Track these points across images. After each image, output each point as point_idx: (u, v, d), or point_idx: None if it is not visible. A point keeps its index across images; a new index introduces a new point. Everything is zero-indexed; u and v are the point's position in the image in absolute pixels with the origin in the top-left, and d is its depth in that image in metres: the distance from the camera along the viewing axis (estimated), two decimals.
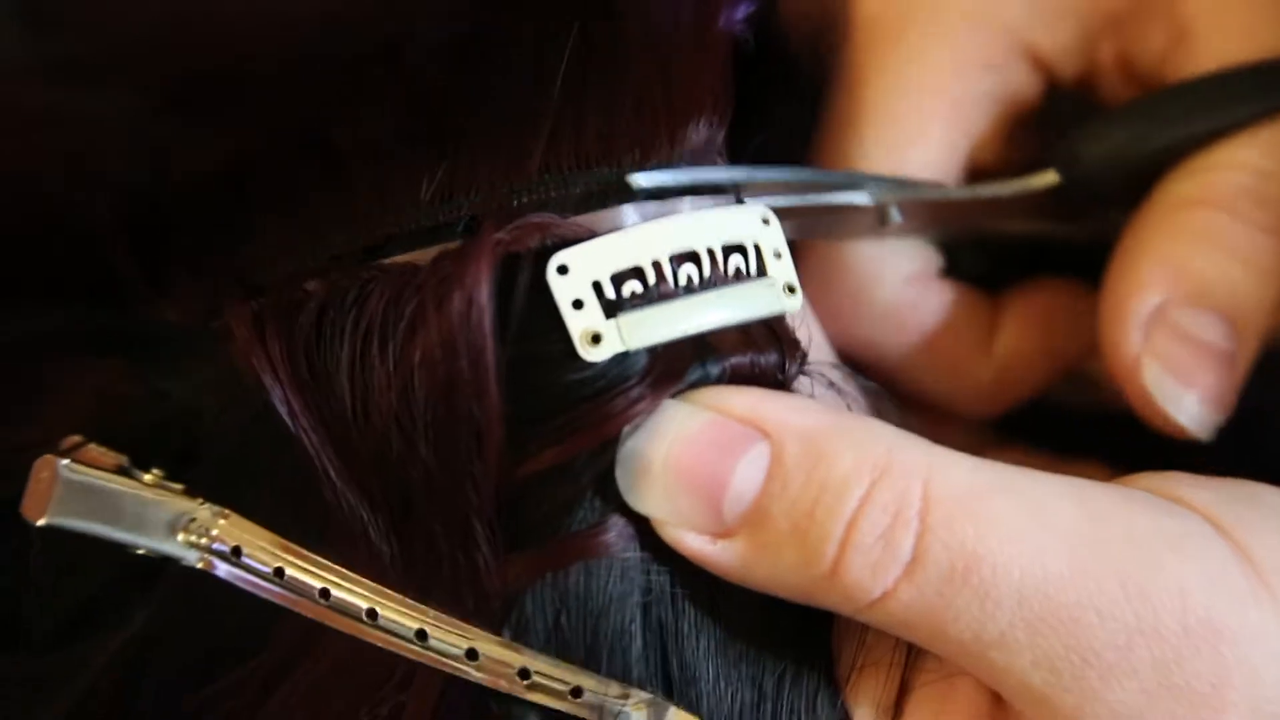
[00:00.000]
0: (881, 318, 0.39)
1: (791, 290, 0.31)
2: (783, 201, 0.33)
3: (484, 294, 0.28)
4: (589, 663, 0.28)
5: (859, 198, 0.35)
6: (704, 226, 0.31)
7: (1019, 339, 0.40)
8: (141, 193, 0.34)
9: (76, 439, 0.31)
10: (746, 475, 0.28)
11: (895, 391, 0.39)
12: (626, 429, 0.29)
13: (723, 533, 0.29)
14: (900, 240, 0.39)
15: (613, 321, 0.29)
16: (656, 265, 0.30)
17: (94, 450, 0.31)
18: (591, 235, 0.30)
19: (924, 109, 0.38)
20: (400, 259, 0.30)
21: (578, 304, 0.29)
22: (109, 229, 0.33)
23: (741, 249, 0.31)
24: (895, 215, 0.36)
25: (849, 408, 0.33)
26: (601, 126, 0.31)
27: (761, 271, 0.31)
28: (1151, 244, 0.36)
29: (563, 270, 0.29)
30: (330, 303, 0.29)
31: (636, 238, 0.30)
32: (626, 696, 0.28)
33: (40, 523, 0.29)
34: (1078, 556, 0.27)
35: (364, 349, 0.29)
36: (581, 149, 0.30)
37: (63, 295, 0.34)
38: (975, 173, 0.39)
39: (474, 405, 0.28)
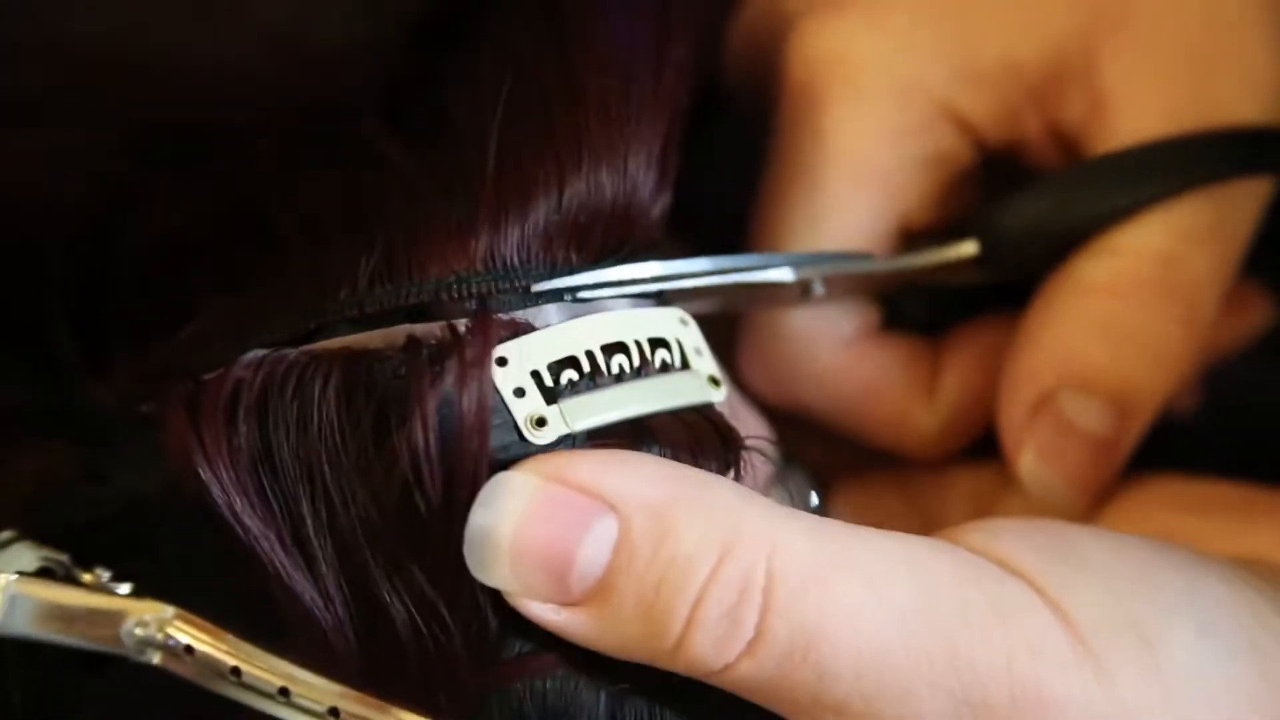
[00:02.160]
0: (820, 383, 0.40)
1: (715, 382, 0.33)
2: (705, 281, 0.34)
3: (488, 387, 0.29)
4: None
5: (781, 274, 0.36)
6: (629, 322, 0.32)
7: (961, 384, 0.40)
8: (81, 272, 0.33)
9: (9, 534, 0.31)
10: (592, 550, 0.29)
11: (842, 438, 0.40)
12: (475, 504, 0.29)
13: (569, 602, 0.29)
14: (834, 305, 0.39)
15: (554, 407, 0.30)
16: (590, 355, 0.31)
17: (26, 547, 0.31)
18: (530, 329, 0.30)
19: (847, 177, 0.38)
20: (336, 342, 0.31)
21: (519, 392, 0.30)
22: (49, 309, 0.32)
23: (665, 344, 0.32)
24: (818, 288, 0.37)
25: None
26: (546, 223, 0.31)
27: (685, 366, 0.32)
28: (1050, 330, 0.37)
29: (501, 362, 0.30)
30: (271, 391, 0.29)
31: (569, 331, 0.31)
32: None
33: None
34: (910, 632, 0.28)
35: (328, 442, 0.29)
36: (524, 241, 0.31)
37: (3, 375, 0.33)
38: (910, 235, 0.40)
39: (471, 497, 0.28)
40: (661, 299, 0.34)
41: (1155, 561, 0.32)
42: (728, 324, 0.39)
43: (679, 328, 0.33)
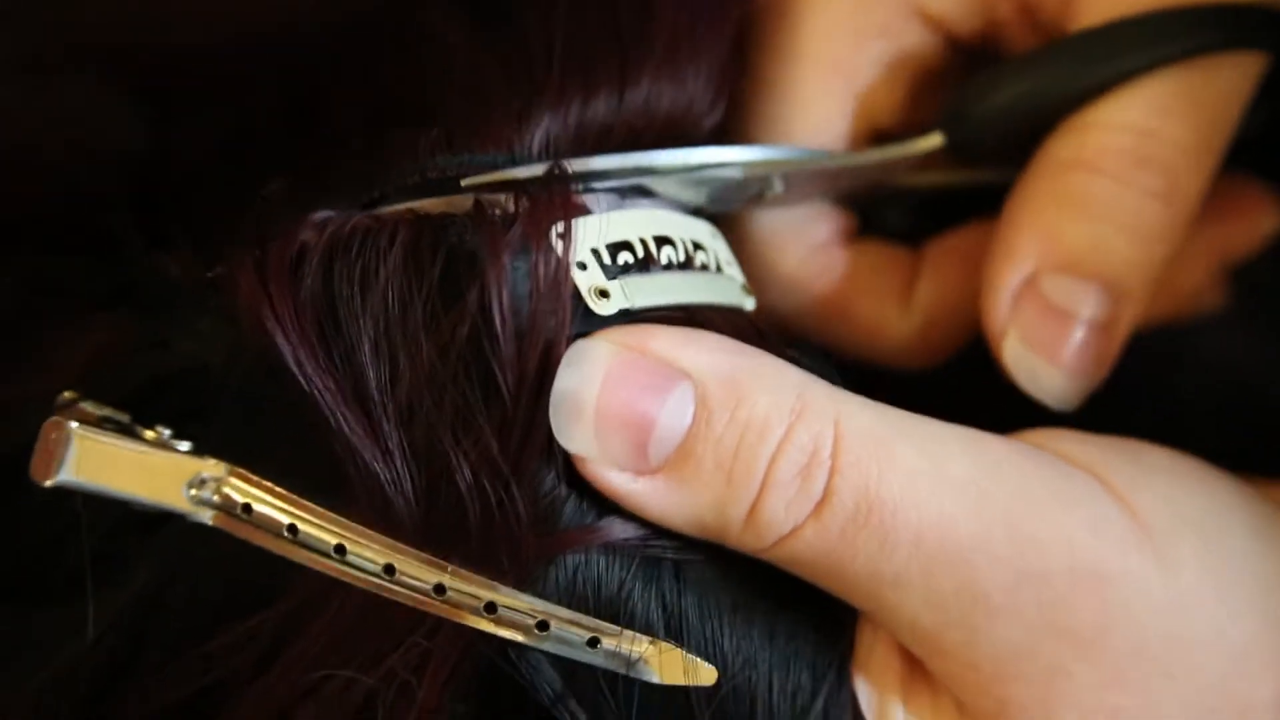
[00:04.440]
0: (790, 288, 0.39)
1: (748, 291, 0.34)
2: (648, 180, 0.33)
3: (567, 252, 0.29)
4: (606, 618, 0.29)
5: (730, 171, 0.34)
6: (674, 221, 0.33)
7: (939, 288, 0.39)
8: (142, 155, 0.33)
9: (70, 395, 0.31)
10: (673, 415, 0.29)
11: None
12: (561, 367, 0.29)
13: (647, 471, 0.29)
14: (805, 207, 0.39)
15: (615, 282, 0.31)
16: (643, 242, 0.32)
17: (89, 406, 0.31)
18: (588, 210, 0.31)
19: (812, 77, 0.38)
20: (401, 207, 0.31)
21: (581, 265, 0.30)
22: (110, 187, 0.33)
23: (702, 248, 0.33)
24: (777, 185, 0.36)
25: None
26: (603, 119, 0.32)
27: (719, 271, 0.33)
28: (1027, 211, 0.35)
29: (562, 237, 0.30)
30: (336, 249, 0.29)
31: (624, 217, 0.32)
32: (642, 645, 0.29)
33: (48, 484, 0.29)
34: (970, 502, 0.29)
35: (392, 299, 0.29)
36: (581, 132, 0.32)
37: (64, 249, 0.34)
38: (879, 135, 0.39)
39: (548, 357, 0.29)
40: (697, 211, 0.34)
41: (1209, 472, 0.32)
42: None
43: (712, 239, 0.34)
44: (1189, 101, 0.35)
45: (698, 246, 0.33)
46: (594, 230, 0.31)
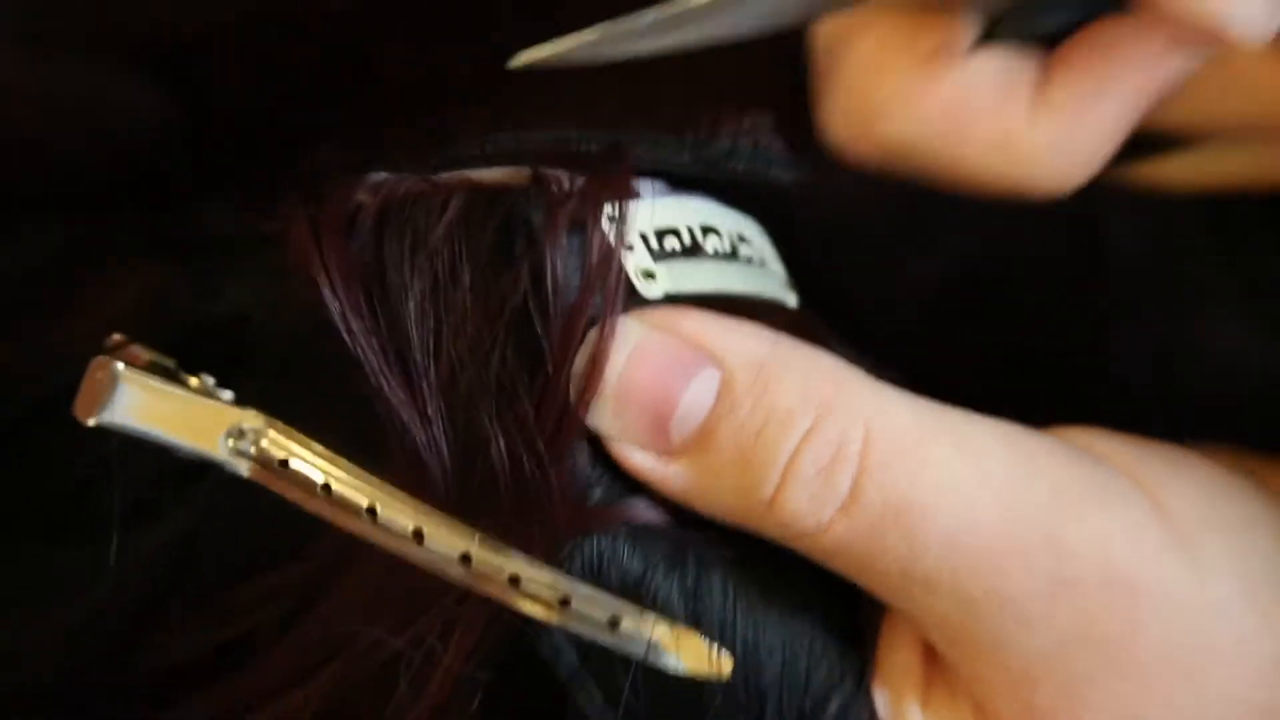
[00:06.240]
0: (897, 110, 0.34)
1: (790, 287, 0.34)
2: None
3: (615, 230, 0.29)
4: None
5: None
6: (720, 212, 0.33)
7: (1075, 84, 0.33)
8: (192, 108, 0.34)
9: (120, 338, 0.31)
10: (695, 397, 0.29)
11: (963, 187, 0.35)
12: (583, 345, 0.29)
13: (669, 453, 0.29)
14: (904, 21, 0.34)
15: (661, 265, 0.31)
16: (690, 230, 0.32)
17: (137, 350, 0.31)
18: (637, 194, 0.31)
19: None
20: (456, 175, 0.31)
21: (629, 247, 0.31)
22: (160, 137, 0.33)
23: (747, 241, 0.33)
24: None
25: None
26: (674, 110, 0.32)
27: (763, 265, 0.33)
28: None
29: (612, 219, 0.30)
30: (390, 214, 0.30)
31: (673, 204, 0.32)
32: (661, 629, 0.29)
33: (91, 422, 0.29)
34: (1006, 507, 0.28)
35: (444, 262, 0.29)
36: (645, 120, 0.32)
37: (112, 198, 0.34)
38: None
39: (597, 331, 0.29)
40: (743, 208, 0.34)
41: (1236, 477, 0.32)
42: None
43: (758, 233, 0.34)
44: None
45: (742, 239, 0.33)
46: (644, 214, 0.31)
